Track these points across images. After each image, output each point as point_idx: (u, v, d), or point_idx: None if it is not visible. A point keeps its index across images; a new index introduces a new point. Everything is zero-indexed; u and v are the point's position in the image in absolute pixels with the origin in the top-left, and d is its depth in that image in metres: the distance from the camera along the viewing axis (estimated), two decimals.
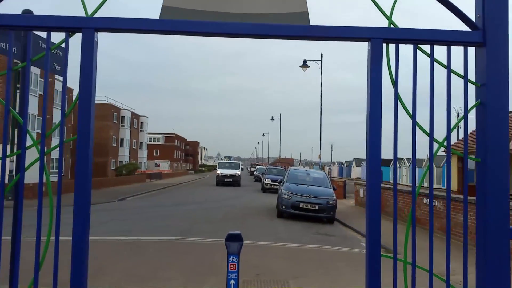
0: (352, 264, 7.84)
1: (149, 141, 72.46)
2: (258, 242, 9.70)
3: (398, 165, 48.92)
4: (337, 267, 7.63)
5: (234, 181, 33.31)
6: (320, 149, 27.52)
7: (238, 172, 34.08)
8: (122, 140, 48.27)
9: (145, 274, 6.55)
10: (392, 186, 16.48)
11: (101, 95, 46.98)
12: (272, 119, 56.26)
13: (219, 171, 34.87)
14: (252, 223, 13.02)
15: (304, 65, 27.03)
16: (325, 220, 14.16)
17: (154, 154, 74.61)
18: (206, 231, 11.03)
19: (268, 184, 27.53)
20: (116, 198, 20.64)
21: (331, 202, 13.96)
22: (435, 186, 39.61)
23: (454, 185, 20.20)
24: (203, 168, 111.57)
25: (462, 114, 2.31)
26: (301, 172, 16.56)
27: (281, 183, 15.61)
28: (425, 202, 12.81)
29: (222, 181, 33.65)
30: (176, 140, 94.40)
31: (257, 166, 53.81)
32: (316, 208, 13.77)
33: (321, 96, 26.48)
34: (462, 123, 2.58)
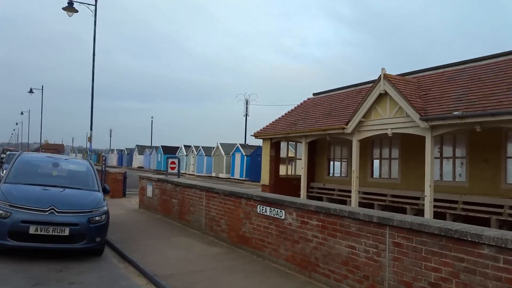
0: None
1: None
2: None
3: (185, 153, 44.85)
4: None
5: None
6: (91, 129, 19.88)
7: None
8: None
9: None
10: (186, 181, 9.99)
11: None
12: (31, 91, 43.49)
13: None
14: None
15: (70, 7, 18.75)
16: (84, 250, 7.39)
17: None
18: None
19: None
20: None
21: (97, 218, 7.28)
22: (223, 176, 37.01)
23: (265, 177, 16.35)
24: None
25: None
26: (41, 160, 9.04)
27: None
28: (259, 211, 7.67)
29: None
30: None
31: (8, 152, 40.21)
32: (66, 233, 6.86)
33: (93, 52, 18.80)
34: None
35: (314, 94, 18.14)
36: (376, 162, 14.86)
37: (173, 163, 13.97)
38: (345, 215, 5.78)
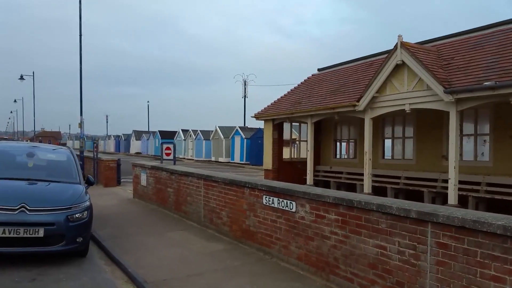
0: None
1: None
2: None
3: (183, 138, 43.76)
4: None
5: None
6: (81, 114, 18.77)
7: None
8: None
9: None
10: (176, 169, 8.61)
11: None
12: (22, 78, 42.13)
13: None
14: None
15: None
16: (63, 253, 6.39)
17: None
18: None
19: None
20: None
21: (77, 215, 6.26)
22: (222, 160, 36.02)
23: (268, 162, 15.30)
24: None
25: None
26: (14, 150, 8.00)
27: None
28: (265, 203, 6.64)
29: None
30: None
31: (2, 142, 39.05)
32: (41, 234, 5.86)
33: (80, 33, 17.54)
34: None
35: (319, 70, 16.91)
36: (388, 142, 13.81)
37: (168, 148, 12.90)
38: (372, 208, 4.74)
